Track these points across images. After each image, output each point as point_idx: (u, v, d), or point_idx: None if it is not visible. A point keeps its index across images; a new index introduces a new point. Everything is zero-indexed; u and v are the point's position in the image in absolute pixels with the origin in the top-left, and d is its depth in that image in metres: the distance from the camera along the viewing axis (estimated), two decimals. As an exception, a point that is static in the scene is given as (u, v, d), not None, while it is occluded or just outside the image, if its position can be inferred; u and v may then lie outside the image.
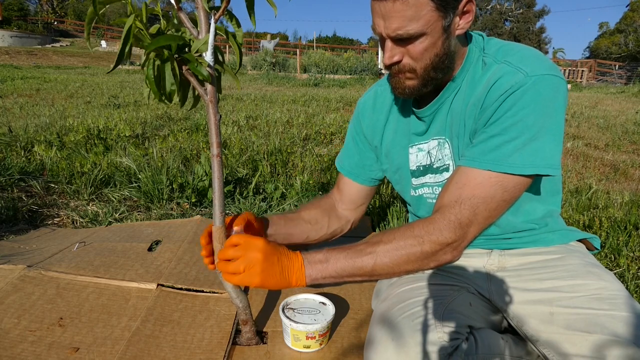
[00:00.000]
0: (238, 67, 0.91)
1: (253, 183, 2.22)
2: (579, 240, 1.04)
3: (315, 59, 15.68)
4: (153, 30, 0.77)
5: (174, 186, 2.10)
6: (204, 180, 2.13)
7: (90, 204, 2.02)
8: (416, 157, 1.04)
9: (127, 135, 3.26)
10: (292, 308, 1.02)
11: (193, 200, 2.06)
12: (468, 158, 0.87)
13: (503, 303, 0.93)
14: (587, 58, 31.47)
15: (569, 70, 18.79)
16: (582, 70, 18.41)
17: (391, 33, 0.84)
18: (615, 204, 2.22)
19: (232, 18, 0.83)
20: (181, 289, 1.22)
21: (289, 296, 1.06)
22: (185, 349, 0.98)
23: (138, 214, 1.94)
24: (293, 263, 0.85)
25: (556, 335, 0.82)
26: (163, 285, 1.22)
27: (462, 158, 0.89)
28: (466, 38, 0.94)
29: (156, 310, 1.12)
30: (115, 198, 2.08)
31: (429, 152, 1.01)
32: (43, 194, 2.10)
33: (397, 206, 1.96)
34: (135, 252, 1.40)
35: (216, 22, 0.76)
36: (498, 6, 34.77)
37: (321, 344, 0.99)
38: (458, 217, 0.83)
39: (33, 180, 2.19)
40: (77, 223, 1.83)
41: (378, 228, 1.86)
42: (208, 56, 0.78)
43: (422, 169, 1.03)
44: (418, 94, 0.93)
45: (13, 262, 1.29)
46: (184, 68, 0.79)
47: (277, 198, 2.14)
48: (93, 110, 4.78)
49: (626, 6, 32.60)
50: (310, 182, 2.27)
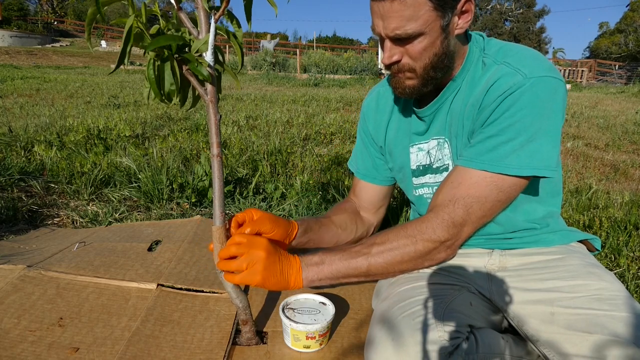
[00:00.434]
0: (240, 67, 0.91)
1: (253, 183, 2.22)
2: (580, 241, 1.04)
3: (315, 59, 15.69)
4: (153, 30, 0.77)
5: (174, 186, 2.10)
6: (204, 180, 2.13)
7: (90, 204, 2.02)
8: (416, 157, 1.04)
9: (127, 135, 3.26)
10: (292, 308, 1.02)
11: (193, 200, 2.06)
12: (465, 158, 0.87)
13: (503, 303, 0.93)
14: (587, 58, 31.48)
15: (569, 70, 18.80)
16: (582, 70, 18.42)
17: (390, 33, 0.84)
18: (615, 204, 2.22)
19: (233, 19, 0.83)
20: (181, 289, 1.22)
21: (289, 296, 1.06)
22: (185, 349, 0.98)
23: (138, 214, 1.94)
24: (292, 264, 0.87)
25: (556, 335, 0.82)
26: (163, 285, 1.22)
27: (460, 158, 0.89)
28: (466, 38, 0.94)
29: (156, 310, 1.12)
30: (115, 198, 2.08)
31: (429, 152, 1.01)
32: (43, 194, 2.09)
33: (397, 206, 1.96)
34: (135, 252, 1.40)
35: (216, 22, 0.76)
36: (498, 6, 34.77)
37: (321, 344, 0.99)
38: (451, 216, 0.84)
39: (33, 180, 2.19)
40: (77, 223, 1.83)
41: (380, 228, 1.85)
42: (208, 56, 0.78)
43: (422, 169, 1.03)
44: (418, 94, 0.93)
45: (13, 262, 1.29)
46: (184, 68, 0.79)
47: (277, 198, 2.14)
48: (93, 110, 4.78)
49: (626, 6, 32.63)
50: (310, 182, 2.27)
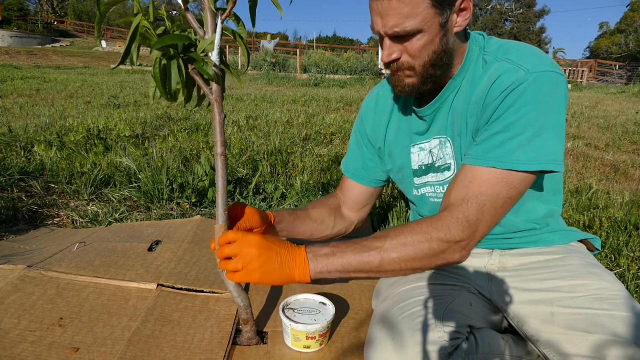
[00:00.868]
0: (246, 67, 0.92)
1: (253, 183, 2.22)
2: (580, 240, 1.04)
3: (315, 59, 15.70)
4: (159, 30, 0.78)
5: (174, 186, 2.10)
6: (204, 180, 2.13)
7: (90, 204, 2.02)
8: (418, 157, 1.04)
9: (127, 135, 3.26)
10: (292, 308, 1.02)
11: (193, 200, 2.06)
12: (472, 156, 0.87)
13: (503, 303, 0.93)
14: (587, 58, 31.47)
15: (569, 70, 18.79)
16: (582, 70, 18.41)
17: (388, 30, 0.85)
18: (615, 204, 2.22)
19: (239, 21, 0.83)
20: (181, 289, 1.21)
21: (289, 296, 1.06)
22: (185, 349, 0.98)
23: (138, 214, 1.94)
24: (294, 257, 0.84)
25: (556, 335, 0.82)
26: (163, 285, 1.22)
27: (466, 156, 0.89)
28: (465, 36, 0.94)
29: (156, 310, 1.12)
30: (115, 198, 2.08)
31: (431, 151, 1.01)
32: (43, 194, 2.09)
33: (398, 206, 1.96)
34: (135, 252, 1.40)
35: (223, 23, 0.77)
36: (498, 6, 34.78)
37: (321, 344, 0.99)
38: (466, 215, 0.83)
39: (33, 180, 2.19)
40: (77, 223, 1.83)
41: (379, 229, 1.86)
42: (214, 56, 0.78)
43: (424, 168, 1.03)
44: (418, 92, 0.94)
45: (13, 262, 1.29)
46: (190, 67, 0.79)
47: (277, 198, 2.14)
48: (93, 110, 4.78)
49: (626, 6, 32.62)
50: (310, 182, 2.27)
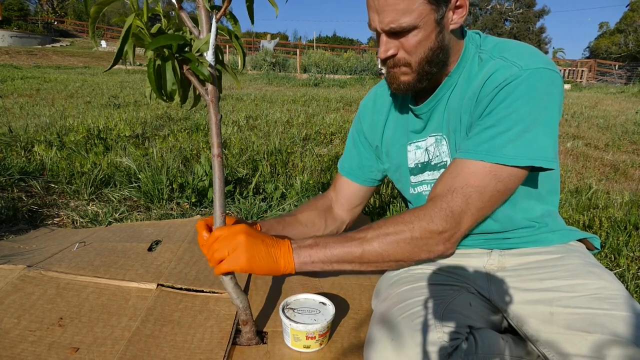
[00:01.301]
0: (242, 67, 0.91)
1: (253, 183, 2.22)
2: (579, 240, 1.04)
3: (315, 59, 15.70)
4: (154, 29, 0.77)
5: (174, 186, 2.10)
6: (204, 180, 2.13)
7: (90, 204, 2.02)
8: (414, 155, 1.04)
9: (127, 135, 3.26)
10: (292, 308, 1.02)
11: (193, 200, 2.06)
12: (463, 150, 0.88)
13: (503, 303, 0.93)
14: (587, 58, 31.46)
15: (569, 70, 18.80)
16: (582, 70, 18.41)
17: (385, 27, 0.86)
18: (615, 204, 2.22)
19: (235, 20, 0.83)
20: (181, 289, 1.22)
21: (289, 296, 1.06)
22: (185, 349, 0.98)
23: (138, 214, 1.94)
24: (279, 246, 0.85)
25: (556, 335, 0.82)
26: (163, 285, 1.22)
27: (458, 151, 0.90)
28: (462, 35, 0.95)
29: (156, 310, 1.12)
30: (115, 198, 2.08)
31: (427, 149, 1.01)
32: (43, 194, 2.09)
33: (397, 205, 1.96)
34: (135, 252, 1.40)
35: (217, 22, 0.76)
36: (498, 6, 34.77)
37: (321, 344, 0.99)
38: (450, 205, 0.83)
39: (33, 180, 2.19)
40: (77, 223, 1.83)
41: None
42: (209, 56, 0.78)
43: (421, 166, 1.04)
44: (414, 90, 0.94)
45: (13, 262, 1.29)
46: (185, 67, 0.78)
47: (277, 198, 2.14)
48: (93, 110, 4.78)
49: (626, 6, 32.61)
50: (310, 182, 2.27)
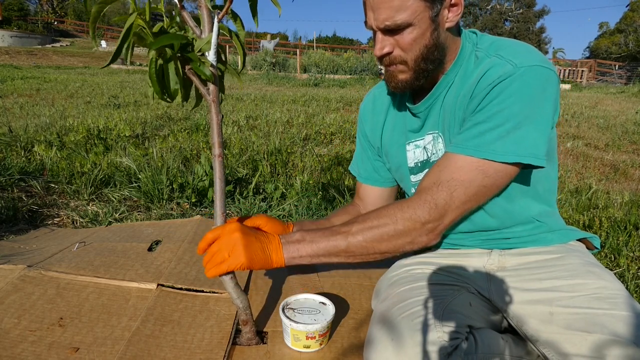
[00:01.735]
0: (241, 67, 0.91)
1: (253, 183, 2.22)
2: (579, 239, 1.04)
3: (315, 59, 15.70)
4: (156, 28, 0.77)
5: (174, 186, 2.10)
6: (204, 180, 2.13)
7: (90, 204, 2.02)
8: (413, 154, 1.04)
9: (127, 135, 3.26)
10: (292, 308, 1.02)
11: (193, 200, 2.06)
12: (453, 144, 0.88)
13: (503, 303, 0.93)
14: (587, 58, 31.46)
15: (569, 70, 18.80)
16: (582, 70, 18.41)
17: (380, 24, 0.86)
18: (615, 204, 2.22)
19: (236, 18, 0.83)
20: (181, 289, 1.22)
21: (289, 296, 1.06)
22: (185, 349, 0.98)
23: (138, 214, 1.94)
24: (270, 241, 0.88)
25: (556, 335, 0.82)
26: (163, 285, 1.22)
27: (449, 146, 0.91)
28: (459, 33, 0.95)
29: (156, 310, 1.12)
30: (115, 198, 2.08)
31: (425, 148, 1.01)
32: (43, 194, 2.10)
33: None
34: (135, 252, 1.40)
35: (219, 22, 0.76)
36: (498, 6, 34.78)
37: (321, 344, 0.99)
38: (434, 198, 0.84)
39: (33, 180, 2.19)
40: (77, 223, 1.83)
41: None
42: (211, 56, 0.77)
43: (420, 165, 1.04)
44: (412, 87, 0.95)
45: (13, 262, 1.29)
46: (187, 67, 0.78)
47: (277, 198, 2.14)
48: (93, 110, 4.78)
49: (626, 6, 32.61)
50: (310, 182, 2.27)
